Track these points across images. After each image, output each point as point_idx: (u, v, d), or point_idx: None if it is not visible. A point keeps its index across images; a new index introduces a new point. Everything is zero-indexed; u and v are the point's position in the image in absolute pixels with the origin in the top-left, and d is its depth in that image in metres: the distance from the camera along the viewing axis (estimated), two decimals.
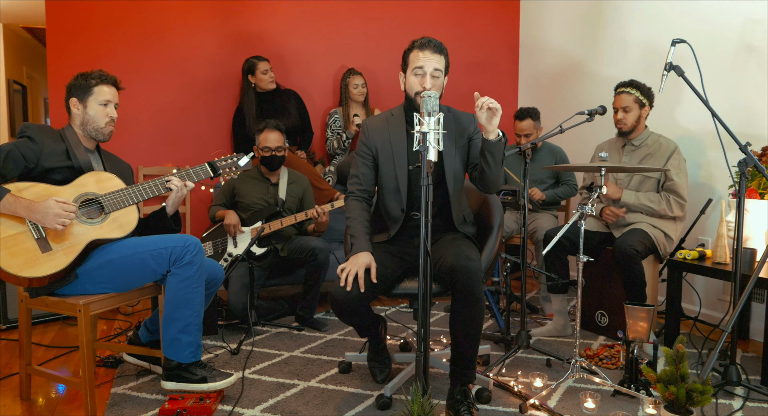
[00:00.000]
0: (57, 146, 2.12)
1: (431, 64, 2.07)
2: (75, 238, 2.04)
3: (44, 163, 2.07)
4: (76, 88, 2.19)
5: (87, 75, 2.20)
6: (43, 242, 1.99)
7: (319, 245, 3.06)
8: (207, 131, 4.05)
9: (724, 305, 3.14)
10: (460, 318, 1.96)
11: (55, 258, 1.99)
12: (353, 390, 2.30)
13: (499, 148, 2.01)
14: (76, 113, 2.20)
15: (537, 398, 2.15)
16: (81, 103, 2.19)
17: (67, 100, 2.21)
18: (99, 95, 2.19)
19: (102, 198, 2.12)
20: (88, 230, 2.07)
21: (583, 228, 2.77)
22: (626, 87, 2.86)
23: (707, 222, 3.20)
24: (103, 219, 2.11)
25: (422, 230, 1.71)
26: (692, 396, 1.87)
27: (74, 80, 2.21)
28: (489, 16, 4.76)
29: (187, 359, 2.14)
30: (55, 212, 1.95)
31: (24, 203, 1.95)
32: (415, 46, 2.12)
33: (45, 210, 1.94)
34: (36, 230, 1.98)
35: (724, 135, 2.50)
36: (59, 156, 2.11)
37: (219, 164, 2.32)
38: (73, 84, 2.20)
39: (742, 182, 2.16)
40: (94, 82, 2.19)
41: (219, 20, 4.04)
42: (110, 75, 2.24)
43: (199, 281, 2.11)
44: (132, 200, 2.15)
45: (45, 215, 1.94)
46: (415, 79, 2.10)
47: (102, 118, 2.20)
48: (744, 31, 2.99)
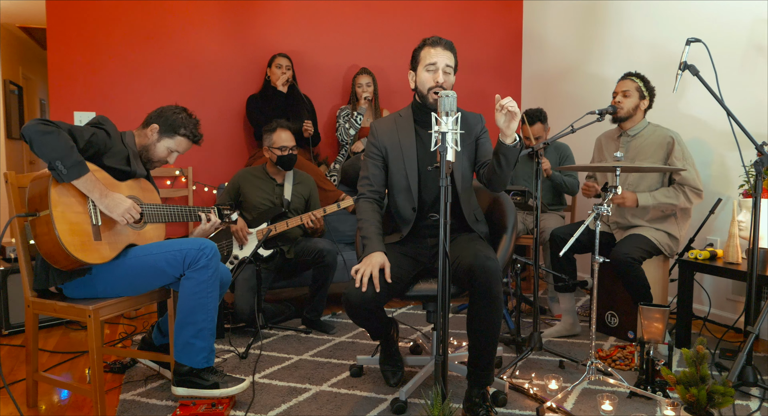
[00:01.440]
0: (122, 150, 2.14)
1: (443, 60, 2.09)
2: (120, 236, 2.07)
3: (106, 160, 2.07)
4: (167, 122, 2.21)
5: (184, 119, 2.22)
6: (96, 230, 1.99)
7: (327, 246, 3.03)
8: (212, 132, 4.01)
9: (732, 305, 3.13)
10: (478, 318, 1.93)
11: (101, 249, 1.99)
12: (366, 394, 2.26)
13: (515, 153, 2.01)
14: (148, 134, 2.21)
15: (553, 401, 2.13)
16: (158, 134, 2.21)
17: (152, 119, 2.22)
18: (176, 144, 2.24)
19: (145, 207, 2.14)
20: (131, 233, 2.13)
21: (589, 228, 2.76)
22: (632, 76, 2.87)
23: (715, 222, 3.19)
24: (142, 226, 2.16)
25: (441, 231, 1.69)
26: (713, 398, 1.85)
27: (171, 113, 2.22)
28: (492, 15, 4.74)
29: (200, 364, 2.10)
30: (127, 206, 2.00)
31: (100, 186, 1.96)
32: (426, 43, 2.14)
33: (119, 201, 1.99)
34: (95, 216, 1.99)
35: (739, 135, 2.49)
36: (121, 159, 2.12)
37: (223, 212, 2.43)
38: (167, 115, 2.21)
39: (759, 181, 2.14)
40: (183, 133, 2.23)
41: (224, 20, 4.00)
42: (201, 134, 2.29)
43: (214, 286, 2.08)
44: (167, 217, 2.21)
45: (117, 206, 1.98)
46: (427, 75, 2.12)
47: (160, 158, 2.24)
48: (753, 30, 2.98)
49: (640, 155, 2.83)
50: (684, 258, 2.82)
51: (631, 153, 2.87)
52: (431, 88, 2.11)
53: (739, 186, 2.92)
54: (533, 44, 4.74)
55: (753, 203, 2.17)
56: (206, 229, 2.33)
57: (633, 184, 2.87)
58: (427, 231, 2.22)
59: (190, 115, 2.27)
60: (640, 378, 2.27)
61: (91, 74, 3.70)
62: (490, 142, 2.26)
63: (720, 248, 3.11)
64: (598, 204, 2.21)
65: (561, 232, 2.92)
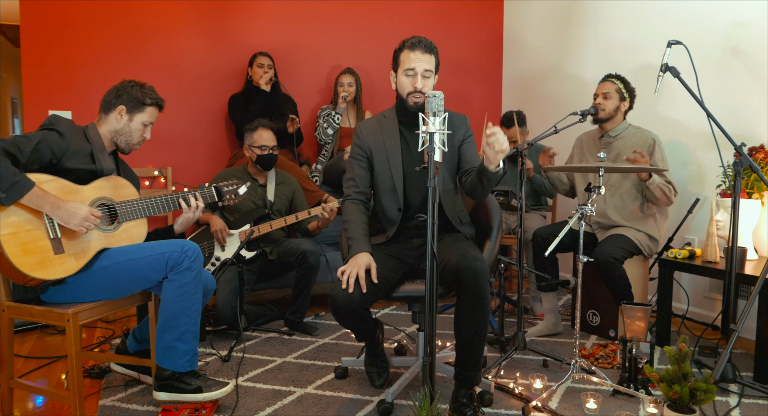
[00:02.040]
0: (83, 147, 2.03)
1: (422, 66, 2.08)
2: (87, 244, 1.97)
3: (67, 162, 1.97)
4: (130, 99, 2.12)
5: (143, 89, 2.15)
6: (56, 243, 1.91)
7: (310, 247, 3.00)
8: (194, 132, 3.95)
9: (710, 302, 3.19)
10: (466, 318, 1.93)
11: (65, 262, 1.91)
12: (352, 396, 2.25)
13: (498, 177, 2.01)
14: (115, 119, 2.12)
15: (539, 400, 2.14)
16: (128, 114, 2.13)
17: (114, 103, 2.12)
18: (148, 116, 2.17)
19: (118, 206, 2.07)
20: (100, 237, 2.02)
21: (572, 228, 2.78)
22: (612, 77, 2.91)
23: (693, 221, 3.25)
24: (115, 228, 2.06)
25: (429, 232, 1.69)
26: (696, 395, 1.88)
27: (129, 89, 2.13)
28: (473, 16, 4.76)
29: (182, 368, 2.05)
30: (84, 214, 1.90)
31: (50, 198, 1.87)
32: (406, 46, 2.12)
33: (74, 210, 1.88)
34: (52, 230, 1.90)
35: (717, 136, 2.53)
36: (83, 158, 2.02)
37: (224, 190, 2.31)
38: (127, 92, 2.13)
39: (738, 181, 2.19)
40: (150, 102, 2.16)
41: (203, 18, 3.94)
42: (162, 99, 2.23)
43: (197, 288, 2.04)
44: (145, 212, 2.11)
45: (72, 216, 1.88)
46: (406, 80, 2.12)
47: (138, 136, 2.17)
48: (730, 34, 3.04)
49: (622, 156, 2.87)
50: (664, 257, 2.87)
51: (613, 154, 2.90)
52: (410, 93, 2.11)
53: (716, 186, 2.98)
54: (514, 45, 4.78)
55: (732, 203, 2.21)
56: (190, 217, 2.23)
57: (615, 184, 2.91)
58: (413, 232, 2.22)
59: (143, 84, 2.19)
60: (622, 376, 2.29)
61: (67, 73, 3.61)
62: (474, 147, 2.26)
63: (697, 247, 3.16)
64: (582, 204, 2.23)
65: (543, 232, 2.94)
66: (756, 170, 2.18)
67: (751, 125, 2.95)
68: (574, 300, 3.08)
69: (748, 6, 2.95)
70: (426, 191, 2.15)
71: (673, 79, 2.47)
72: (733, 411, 2.12)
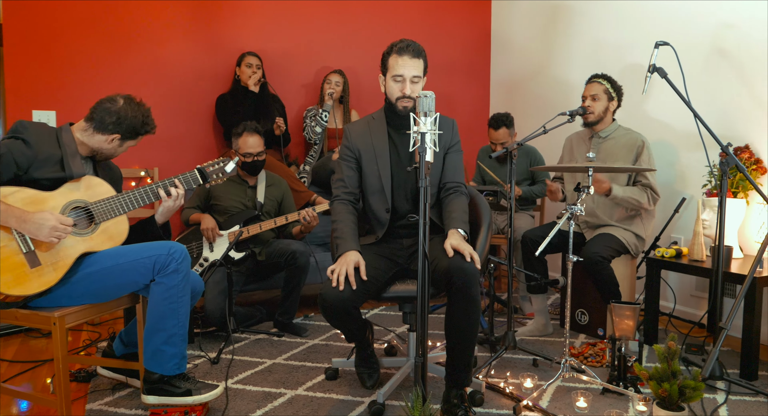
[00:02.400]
0: (52, 153, 1.95)
1: (410, 72, 2.09)
2: (64, 251, 1.90)
3: (35, 172, 1.90)
4: (129, 130, 2.07)
5: (145, 119, 2.09)
6: (31, 256, 1.84)
7: (300, 248, 2.99)
8: (181, 132, 3.91)
9: (696, 300, 3.22)
10: (456, 319, 1.93)
11: (44, 274, 1.85)
12: (343, 397, 2.24)
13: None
14: (105, 141, 2.06)
15: (530, 399, 2.14)
16: (120, 141, 2.08)
17: (108, 128, 2.04)
18: (136, 142, 2.16)
19: (92, 207, 1.99)
20: (78, 242, 1.94)
21: (560, 228, 2.80)
22: (598, 78, 2.92)
23: (679, 221, 3.28)
24: (93, 230, 1.99)
25: (420, 232, 1.69)
26: (685, 392, 1.89)
27: (132, 119, 2.05)
28: (461, 17, 4.77)
29: (171, 371, 2.03)
30: (52, 225, 1.82)
31: (15, 212, 1.80)
32: (394, 50, 2.11)
33: (40, 222, 1.81)
34: (24, 243, 1.83)
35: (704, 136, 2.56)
36: (52, 166, 1.94)
37: (208, 170, 2.20)
38: (128, 122, 2.05)
39: (724, 181, 2.21)
40: (144, 132, 2.12)
41: (191, 18, 3.90)
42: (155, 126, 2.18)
43: (185, 290, 2.01)
44: (123, 209, 2.02)
45: (40, 228, 1.81)
46: (395, 85, 2.13)
47: (118, 154, 2.15)
48: (716, 35, 3.08)
49: (611, 157, 2.89)
50: (651, 256, 2.89)
51: (602, 155, 2.92)
52: (399, 98, 2.12)
53: (702, 186, 3.01)
54: (501, 46, 4.80)
55: (719, 202, 2.24)
56: (171, 206, 2.13)
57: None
58: (404, 232, 2.22)
59: (140, 105, 2.10)
60: (612, 374, 2.31)
61: (51, 72, 3.56)
62: (459, 157, 2.26)
63: (683, 246, 3.19)
64: (571, 204, 2.24)
65: (533, 234, 2.95)
66: (742, 170, 2.21)
67: (736, 126, 2.99)
68: (564, 300, 3.10)
69: (734, 8, 2.99)
70: (413, 190, 2.19)
71: (660, 80, 2.49)
72: (720, 408, 2.14)
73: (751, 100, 2.93)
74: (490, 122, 3.59)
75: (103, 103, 2.06)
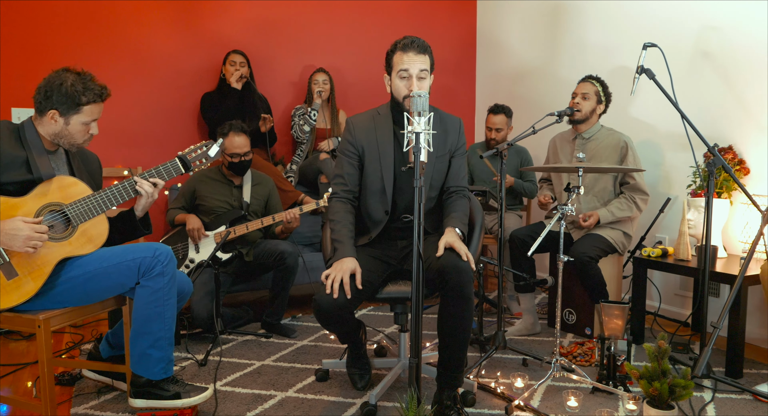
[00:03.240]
0: (16, 155, 1.84)
1: (416, 66, 2.03)
2: (42, 259, 1.83)
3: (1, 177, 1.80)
4: (61, 100, 1.84)
5: (78, 86, 1.84)
6: (7, 268, 1.77)
7: (288, 248, 2.96)
8: (165, 131, 3.85)
9: (681, 299, 3.27)
10: (450, 318, 1.92)
11: (22, 285, 1.79)
12: (334, 399, 2.22)
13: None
14: (50, 123, 1.88)
15: (521, 399, 2.15)
16: (62, 117, 1.87)
17: (44, 104, 1.86)
18: (87, 115, 1.89)
19: (68, 209, 1.88)
20: (55, 248, 1.85)
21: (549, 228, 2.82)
22: (592, 79, 2.96)
23: (663, 220, 3.32)
24: (71, 233, 1.89)
25: (415, 233, 1.67)
26: (675, 391, 1.91)
27: (59, 86, 1.83)
28: (447, 16, 4.77)
29: (157, 376, 1.99)
30: (26, 234, 1.73)
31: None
32: (398, 47, 2.06)
33: (13, 232, 1.72)
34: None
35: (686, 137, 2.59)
36: (17, 168, 1.82)
37: (189, 157, 2.05)
38: (55, 92, 1.83)
39: (711, 181, 2.24)
40: (86, 101, 1.86)
41: (176, 15, 3.84)
42: (104, 89, 1.92)
43: (170, 293, 1.97)
44: (100, 208, 1.91)
45: (13, 238, 1.73)
46: (401, 82, 2.06)
47: (82, 136, 1.93)
48: (700, 37, 3.12)
49: (595, 158, 2.92)
50: (637, 256, 2.92)
51: (587, 155, 2.95)
52: (406, 96, 2.04)
53: (687, 186, 3.05)
54: (487, 45, 4.81)
55: (705, 202, 2.27)
56: (149, 201, 2.00)
57: (588, 185, 2.96)
58: (398, 233, 2.20)
59: (78, 73, 1.87)
60: (601, 373, 2.32)
61: (30, 69, 3.47)
62: (463, 162, 2.24)
63: (668, 245, 3.23)
64: (562, 204, 2.25)
65: (521, 233, 2.97)
66: (728, 171, 2.24)
67: (719, 127, 3.03)
68: (554, 299, 3.12)
69: (717, 10, 3.04)
70: (413, 192, 2.15)
71: (644, 81, 2.51)
72: (708, 406, 2.17)
73: (734, 101, 2.97)
74: (491, 108, 3.65)
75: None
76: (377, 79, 4.42)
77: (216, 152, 2.10)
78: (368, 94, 4.42)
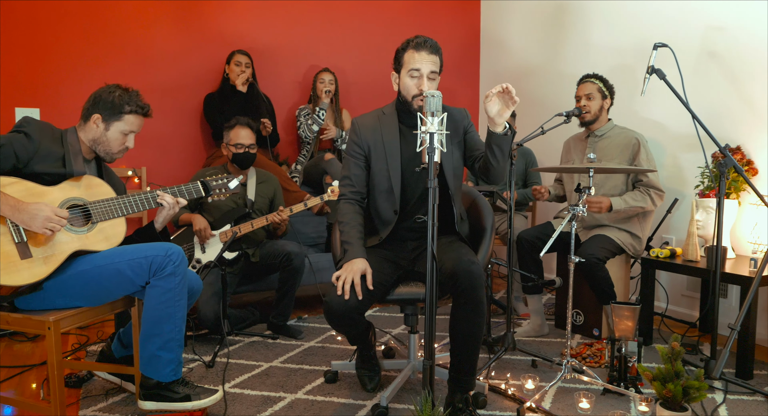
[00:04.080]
0: (54, 150, 1.93)
1: (428, 67, 2.02)
2: (57, 246, 1.86)
3: (35, 166, 1.87)
4: (105, 106, 2.00)
5: (125, 97, 2.02)
6: (23, 247, 1.80)
7: (295, 249, 2.94)
8: (169, 132, 3.83)
9: (687, 300, 3.26)
10: (462, 322, 1.91)
11: (34, 266, 1.80)
12: (344, 401, 2.21)
13: (507, 141, 1.97)
14: (92, 127, 2.02)
15: (532, 401, 2.14)
16: (104, 122, 2.01)
17: (90, 111, 2.01)
18: (126, 124, 2.04)
19: (91, 206, 1.95)
20: (72, 239, 1.90)
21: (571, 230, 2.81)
22: (590, 78, 2.96)
23: (670, 221, 3.31)
24: (89, 229, 1.94)
25: (429, 234, 1.66)
26: (689, 393, 1.90)
27: (107, 94, 2.01)
28: (450, 15, 4.76)
29: (167, 378, 1.97)
30: (46, 215, 1.78)
31: (10, 201, 1.77)
32: (411, 46, 2.05)
33: (35, 212, 1.77)
34: (17, 233, 1.80)
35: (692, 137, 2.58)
36: (54, 161, 1.91)
37: (211, 185, 2.18)
38: (103, 98, 2.01)
39: (722, 182, 2.23)
40: (128, 109, 2.02)
41: (178, 14, 3.83)
42: (148, 106, 2.08)
43: (181, 294, 1.96)
44: (121, 211, 1.99)
45: (33, 218, 1.77)
46: (411, 81, 2.05)
47: (118, 145, 2.05)
48: (705, 37, 3.11)
49: (607, 156, 2.91)
50: (645, 257, 2.91)
51: (599, 154, 2.94)
52: (415, 95, 2.04)
53: (694, 187, 3.04)
54: (491, 45, 4.80)
55: (717, 203, 2.26)
56: (171, 213, 2.10)
57: (599, 184, 2.94)
58: (408, 234, 2.19)
59: (127, 89, 2.06)
60: (611, 374, 2.31)
61: (34, 70, 3.45)
62: (477, 133, 2.23)
63: (675, 246, 3.23)
64: (573, 205, 2.24)
65: (529, 234, 2.96)
66: (739, 171, 2.23)
67: (726, 127, 3.03)
68: (564, 300, 3.10)
69: (723, 10, 3.03)
70: (422, 191, 2.14)
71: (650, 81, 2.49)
72: (720, 408, 2.16)
73: (741, 101, 2.97)
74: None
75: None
76: (379, 79, 4.41)
77: (235, 185, 2.22)
78: (371, 93, 4.41)
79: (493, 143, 1.95)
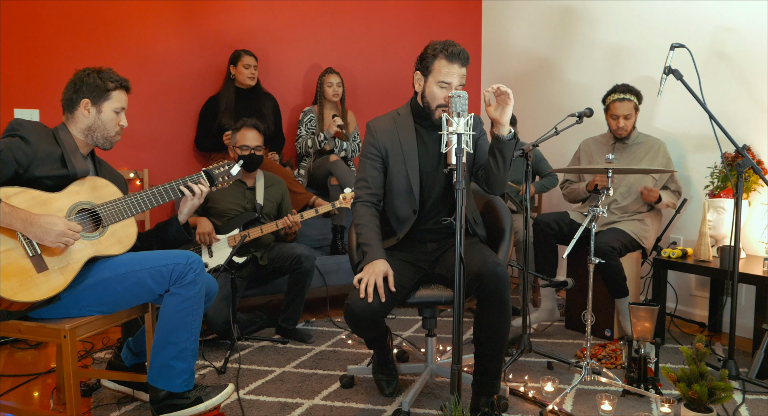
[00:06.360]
0: (52, 151, 1.85)
1: (458, 80, 2.00)
2: (72, 255, 1.80)
3: (35, 170, 1.80)
4: (90, 89, 1.93)
5: (103, 75, 1.95)
6: (38, 260, 1.73)
7: (304, 252, 2.90)
8: (171, 133, 3.77)
9: (696, 300, 3.26)
10: (488, 325, 1.89)
11: (51, 279, 1.74)
12: (363, 406, 2.17)
13: (510, 147, 1.97)
14: (83, 115, 1.94)
15: (554, 404, 2.12)
16: (95, 106, 1.94)
17: (75, 99, 1.93)
18: (116, 101, 1.97)
19: (100, 209, 1.89)
20: (86, 245, 1.84)
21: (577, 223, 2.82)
22: (625, 94, 2.91)
23: (678, 221, 3.31)
24: (101, 233, 1.88)
25: (457, 236, 1.63)
26: (714, 394, 1.89)
27: (86, 77, 1.93)
28: (452, 17, 4.74)
29: (178, 388, 1.91)
30: (60, 230, 1.71)
31: (21, 214, 1.69)
32: (443, 54, 1.99)
33: (48, 226, 1.70)
34: (30, 247, 1.73)
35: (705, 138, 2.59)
36: (53, 163, 1.84)
37: (214, 173, 2.11)
38: (85, 82, 1.93)
39: (740, 182, 2.23)
40: (113, 86, 1.95)
41: (179, 15, 3.76)
42: (126, 78, 2.02)
43: (199, 303, 1.91)
44: (131, 211, 1.92)
45: (47, 232, 1.70)
46: (439, 91, 2.02)
47: (114, 126, 1.98)
48: (714, 38, 3.12)
49: (634, 162, 2.94)
50: (657, 257, 2.91)
51: (626, 159, 2.96)
52: (440, 105, 2.02)
53: (704, 187, 3.05)
54: (493, 47, 4.79)
55: (735, 203, 2.26)
56: (196, 204, 2.05)
57: (615, 184, 2.98)
58: (427, 235, 2.16)
59: (100, 68, 1.99)
60: (630, 376, 2.30)
61: (33, 70, 3.38)
62: (488, 143, 2.22)
63: (683, 245, 3.23)
64: (593, 205, 2.23)
65: (546, 218, 2.99)
66: (757, 171, 2.23)
67: (736, 127, 3.02)
68: (575, 301, 3.09)
69: (733, 11, 3.04)
70: (440, 192, 2.13)
71: (657, 81, 2.50)
72: (740, 408, 2.15)
73: (751, 102, 2.98)
74: None
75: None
76: (382, 79, 4.39)
77: (237, 172, 2.15)
78: (373, 93, 4.38)
79: (496, 148, 1.96)
